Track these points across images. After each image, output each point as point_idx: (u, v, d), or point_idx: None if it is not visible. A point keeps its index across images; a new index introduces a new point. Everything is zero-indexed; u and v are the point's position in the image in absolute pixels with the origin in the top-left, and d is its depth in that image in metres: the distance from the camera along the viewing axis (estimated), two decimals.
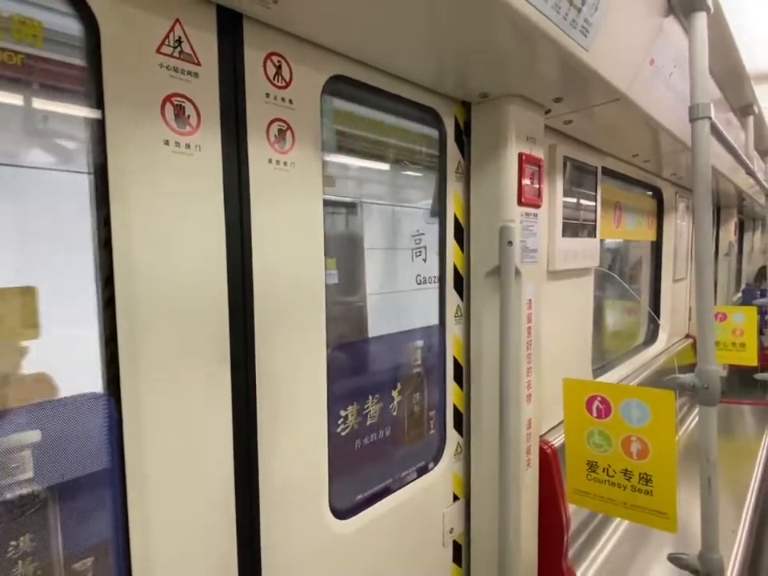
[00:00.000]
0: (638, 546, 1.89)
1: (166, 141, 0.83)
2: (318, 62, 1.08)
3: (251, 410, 0.98)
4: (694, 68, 1.22)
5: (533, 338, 1.52)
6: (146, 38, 0.81)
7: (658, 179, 2.96)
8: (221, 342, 0.93)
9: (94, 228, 0.80)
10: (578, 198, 1.89)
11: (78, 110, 0.79)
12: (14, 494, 0.71)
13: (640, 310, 3.22)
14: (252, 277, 0.97)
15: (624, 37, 1.27)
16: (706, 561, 1.21)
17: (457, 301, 1.53)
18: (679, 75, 1.61)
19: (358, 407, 1.31)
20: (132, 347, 0.81)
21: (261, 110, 0.97)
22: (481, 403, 1.53)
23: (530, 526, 1.57)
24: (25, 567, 0.72)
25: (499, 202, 1.41)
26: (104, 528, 0.83)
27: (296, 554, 1.09)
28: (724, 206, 4.29)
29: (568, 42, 1.08)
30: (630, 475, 1.31)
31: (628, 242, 3.07)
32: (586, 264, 1.98)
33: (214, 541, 0.94)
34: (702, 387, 1.20)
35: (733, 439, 2.94)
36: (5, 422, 0.71)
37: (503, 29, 1.00)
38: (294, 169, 1.04)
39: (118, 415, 0.80)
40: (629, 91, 1.39)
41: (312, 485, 1.12)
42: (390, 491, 1.36)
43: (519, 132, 1.40)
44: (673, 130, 1.79)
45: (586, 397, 1.35)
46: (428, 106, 1.39)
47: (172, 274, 0.85)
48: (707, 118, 1.20)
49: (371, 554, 1.27)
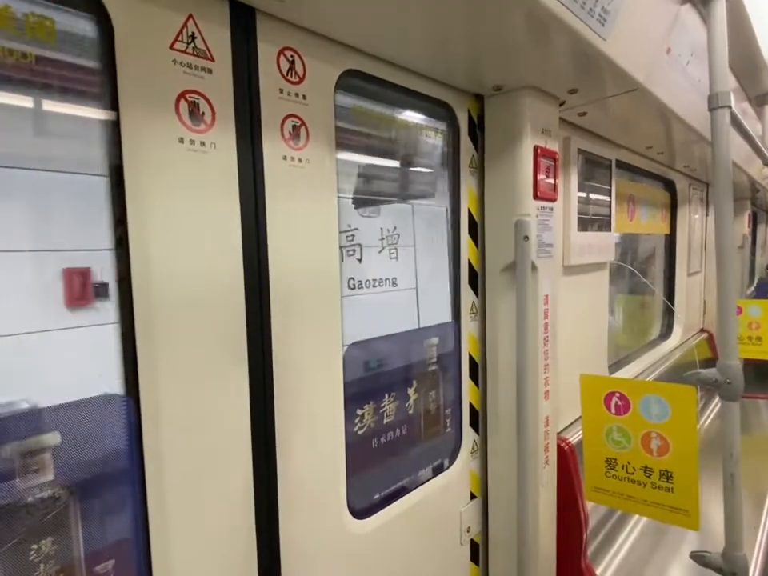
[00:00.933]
0: (657, 544, 1.87)
1: (180, 138, 0.83)
2: (331, 56, 1.07)
3: (269, 409, 0.98)
4: (714, 56, 1.20)
5: (549, 334, 1.50)
6: (160, 34, 0.80)
7: (671, 171, 2.92)
8: (238, 341, 0.92)
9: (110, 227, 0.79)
10: (593, 192, 1.87)
11: (92, 109, 0.78)
12: (34, 496, 0.71)
13: (654, 304, 3.18)
14: (268, 274, 0.96)
15: (641, 25, 1.25)
16: (730, 559, 1.19)
17: (471, 297, 1.51)
18: (696, 64, 1.58)
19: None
20: (150, 347, 0.80)
21: (275, 105, 0.96)
22: (497, 401, 1.51)
23: (549, 525, 1.55)
24: (47, 570, 0.72)
25: (514, 195, 1.39)
26: (124, 529, 0.82)
27: (314, 553, 1.08)
28: (737, 198, 4.23)
29: (585, 31, 1.05)
30: (650, 472, 1.29)
31: (638, 234, 3.03)
32: (601, 258, 1.95)
33: (233, 541, 0.93)
34: (724, 382, 1.18)
35: (749, 434, 2.90)
36: (24, 424, 0.70)
37: (519, 18, 0.98)
38: (309, 165, 1.02)
39: (136, 416, 0.80)
40: (645, 81, 1.36)
41: (330, 484, 1.12)
42: (406, 490, 1.35)
43: (534, 125, 1.38)
44: (689, 121, 1.76)
45: (604, 393, 1.34)
46: (441, 99, 1.37)
47: (188, 273, 0.84)
48: (727, 107, 1.17)
49: (389, 553, 1.26)
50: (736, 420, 1.18)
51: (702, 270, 3.45)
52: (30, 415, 0.71)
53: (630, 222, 2.51)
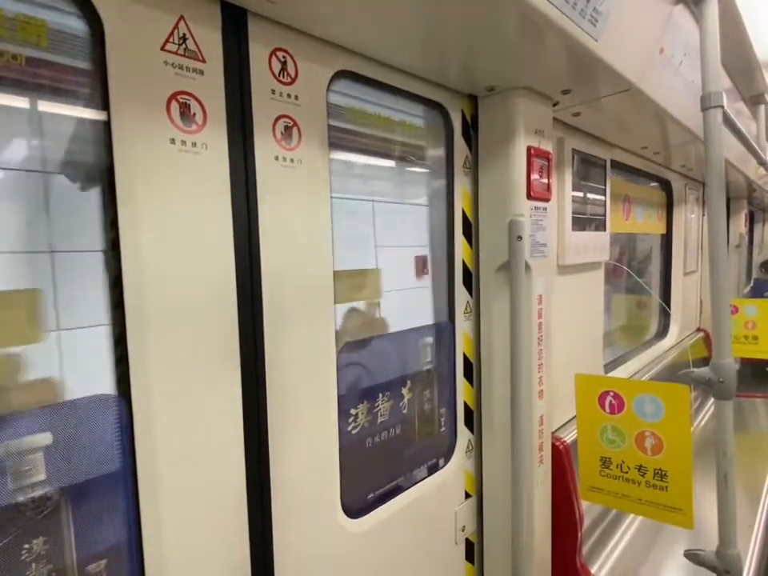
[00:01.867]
0: (652, 542, 1.87)
1: (172, 139, 0.83)
2: (324, 57, 1.07)
3: (262, 410, 0.98)
4: (706, 56, 1.20)
5: (544, 333, 1.50)
6: (151, 35, 0.80)
7: (667, 171, 2.92)
8: (230, 342, 0.92)
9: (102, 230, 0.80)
10: (588, 191, 1.87)
11: (83, 110, 0.78)
12: (26, 496, 0.71)
13: (650, 303, 3.19)
14: (260, 275, 0.96)
15: (634, 26, 1.25)
16: (724, 557, 1.20)
17: (466, 297, 1.52)
18: (689, 64, 1.58)
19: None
20: (142, 348, 0.80)
21: (266, 106, 0.96)
22: (492, 400, 1.51)
23: (543, 524, 1.56)
24: (38, 570, 0.72)
25: (508, 196, 1.40)
26: (117, 529, 0.82)
27: (308, 553, 1.09)
28: (734, 197, 4.23)
29: (577, 32, 1.06)
30: (644, 471, 1.29)
31: (634, 234, 3.03)
32: (596, 258, 1.95)
33: (226, 541, 0.94)
34: (717, 381, 1.19)
35: (746, 433, 2.91)
36: (16, 425, 0.71)
37: (510, 19, 0.98)
38: (301, 166, 1.03)
39: (128, 416, 0.80)
40: (639, 81, 1.37)
41: (324, 483, 1.12)
42: (401, 489, 1.35)
43: (527, 125, 1.39)
44: (683, 121, 1.77)
45: (599, 392, 1.34)
46: (434, 100, 1.37)
47: (180, 274, 0.85)
48: (719, 107, 1.18)
49: (383, 552, 1.27)
50: (729, 419, 1.19)
51: (698, 270, 3.45)
52: (20, 416, 0.72)
53: (625, 222, 2.52)
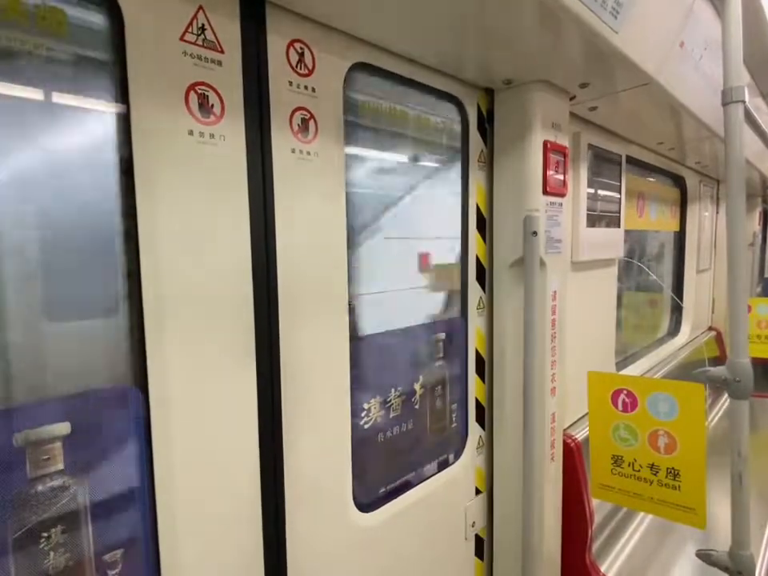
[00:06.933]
0: (662, 541, 1.86)
1: (190, 131, 0.82)
2: (341, 48, 1.06)
3: (276, 403, 0.98)
4: (728, 50, 1.18)
5: (557, 330, 1.49)
6: (170, 25, 0.80)
7: (682, 168, 2.89)
8: (246, 334, 0.92)
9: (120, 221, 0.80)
10: (602, 188, 1.85)
11: (102, 101, 0.78)
12: (45, 485, 0.71)
13: (662, 301, 3.16)
14: (276, 267, 0.96)
15: (654, 18, 1.23)
16: (737, 557, 1.19)
17: (479, 293, 1.51)
18: (709, 58, 1.56)
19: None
20: (159, 339, 0.80)
21: (284, 98, 0.96)
22: (504, 396, 1.51)
23: (554, 521, 1.55)
24: (56, 559, 0.73)
25: (523, 191, 1.38)
26: (133, 518, 0.83)
27: (321, 547, 1.09)
28: (748, 195, 4.15)
29: (598, 24, 1.04)
30: (657, 470, 1.28)
31: (646, 231, 3.00)
32: (610, 255, 1.94)
33: (240, 535, 0.94)
34: (733, 380, 1.17)
35: (757, 433, 2.89)
36: (36, 414, 0.71)
37: (530, 10, 0.96)
38: (318, 159, 1.02)
39: (145, 407, 0.80)
40: (658, 75, 1.34)
41: (336, 478, 1.12)
42: (412, 485, 1.35)
43: (544, 119, 1.37)
44: (701, 116, 1.74)
45: (612, 390, 1.33)
46: (450, 93, 1.36)
47: (197, 265, 0.85)
48: (741, 102, 1.16)
49: (394, 547, 1.27)
50: (744, 418, 1.17)
51: (711, 268, 3.41)
52: (39, 405, 0.72)
53: (639, 219, 2.49)
